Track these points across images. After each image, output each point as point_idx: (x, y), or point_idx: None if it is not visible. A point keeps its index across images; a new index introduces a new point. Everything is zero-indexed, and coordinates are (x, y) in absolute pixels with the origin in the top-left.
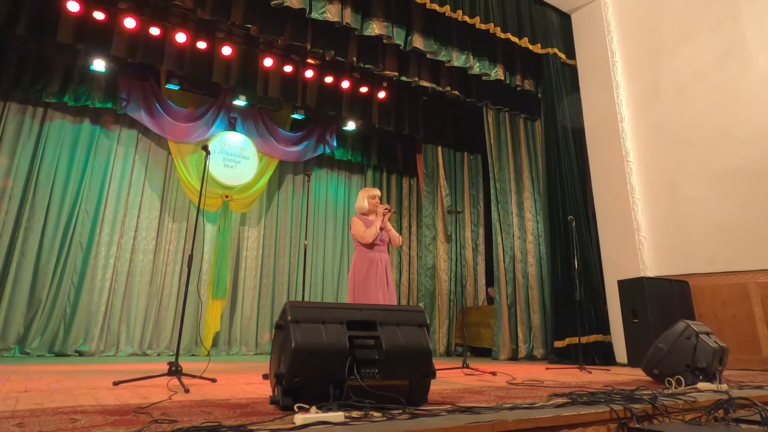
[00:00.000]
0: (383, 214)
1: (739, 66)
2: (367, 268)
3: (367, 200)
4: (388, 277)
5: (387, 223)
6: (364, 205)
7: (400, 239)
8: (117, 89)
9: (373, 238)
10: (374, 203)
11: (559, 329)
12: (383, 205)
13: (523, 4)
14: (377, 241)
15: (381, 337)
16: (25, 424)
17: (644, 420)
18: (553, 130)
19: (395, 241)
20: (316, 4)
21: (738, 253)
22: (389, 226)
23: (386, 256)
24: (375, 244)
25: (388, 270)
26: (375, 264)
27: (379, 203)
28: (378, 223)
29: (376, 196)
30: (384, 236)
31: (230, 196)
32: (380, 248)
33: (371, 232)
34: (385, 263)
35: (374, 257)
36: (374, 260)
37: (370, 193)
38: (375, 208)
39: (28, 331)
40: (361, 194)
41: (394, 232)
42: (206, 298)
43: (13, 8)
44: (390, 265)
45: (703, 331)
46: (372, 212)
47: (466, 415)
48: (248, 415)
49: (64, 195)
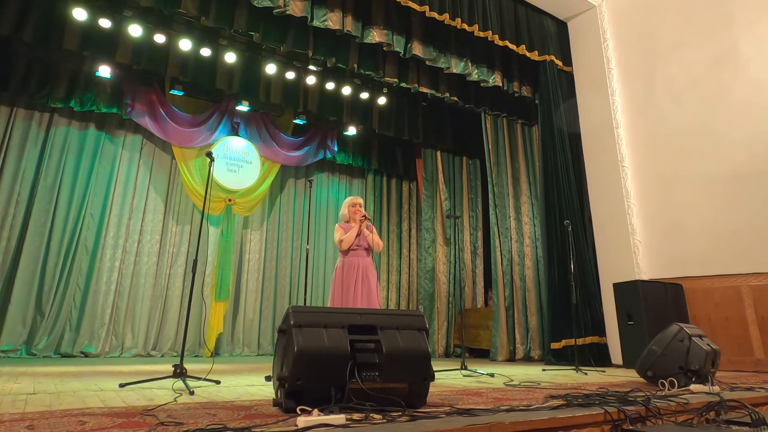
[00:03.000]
0: (360, 222)
1: (732, 73)
2: (345, 272)
3: (347, 208)
4: (369, 281)
5: (365, 229)
6: (345, 213)
7: (380, 244)
8: (122, 95)
9: (348, 245)
10: (354, 211)
11: (556, 331)
12: (361, 213)
13: (520, 12)
14: (353, 246)
15: (381, 341)
16: (36, 426)
17: (637, 422)
18: (549, 136)
19: (375, 247)
20: (317, 12)
21: (731, 256)
22: (367, 232)
23: (365, 260)
24: (351, 250)
25: (367, 274)
26: (353, 268)
27: (360, 210)
28: (355, 230)
29: (356, 204)
30: (362, 242)
31: (233, 200)
32: (357, 253)
33: (348, 239)
34: (364, 267)
35: (351, 261)
36: (352, 264)
37: (351, 202)
38: (355, 216)
39: (35, 332)
40: (344, 203)
41: (374, 238)
42: (209, 300)
43: (20, 15)
44: (371, 270)
45: (695, 333)
46: (353, 219)
47: (464, 418)
48: (252, 418)
49: (70, 199)
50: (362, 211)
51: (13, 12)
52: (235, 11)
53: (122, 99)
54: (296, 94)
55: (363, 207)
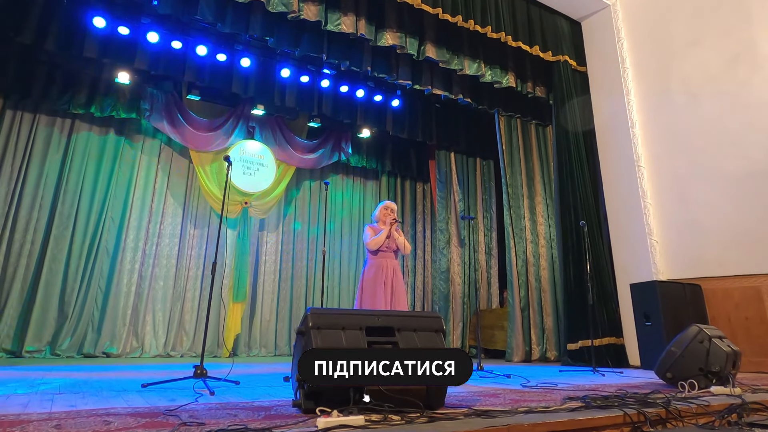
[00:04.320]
0: (390, 225)
1: (750, 70)
2: (374, 273)
3: (380, 210)
4: (395, 282)
5: (394, 232)
6: (377, 215)
7: (408, 247)
8: (140, 101)
9: (377, 246)
10: (386, 214)
11: (572, 332)
12: (392, 216)
13: (533, 12)
14: (383, 248)
15: (399, 343)
16: (62, 426)
17: (658, 424)
18: (564, 136)
19: (403, 249)
20: (331, 17)
21: (750, 256)
22: (396, 235)
23: (394, 263)
24: (380, 251)
25: (396, 275)
26: (381, 269)
27: (392, 215)
28: (385, 232)
29: (389, 208)
30: (391, 244)
31: (249, 203)
32: (387, 255)
33: (377, 240)
34: (393, 269)
35: (380, 263)
36: (381, 266)
37: (386, 205)
38: (385, 219)
39: (59, 333)
40: (379, 205)
41: (402, 241)
42: (227, 301)
43: (42, 25)
44: (399, 271)
45: (716, 335)
46: (383, 222)
47: (482, 419)
48: (272, 418)
49: (91, 203)
50: (393, 215)
51: (35, 21)
52: (250, 17)
53: (141, 104)
54: (310, 97)
55: (395, 213)
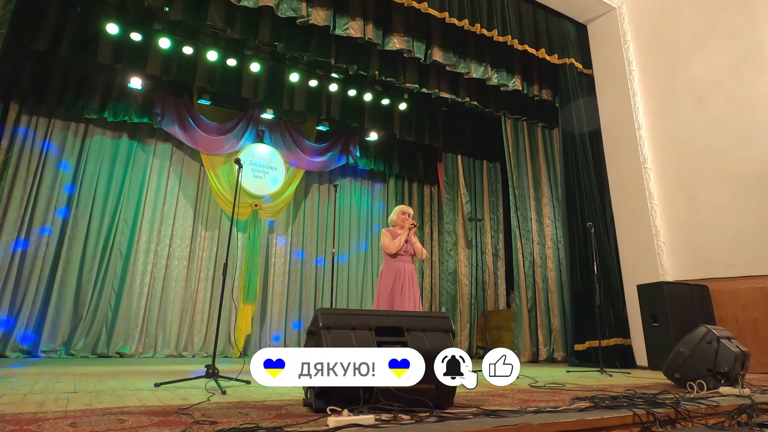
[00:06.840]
0: (408, 229)
1: (756, 73)
2: (393, 276)
3: (397, 215)
4: (413, 286)
5: (412, 237)
6: (394, 219)
7: (424, 252)
8: (152, 105)
9: (396, 249)
10: (403, 219)
11: (579, 332)
12: (410, 221)
13: (539, 16)
14: (401, 252)
15: (408, 343)
16: (78, 424)
17: (667, 424)
18: (570, 138)
19: (419, 254)
20: (339, 21)
21: (758, 257)
22: (414, 239)
23: (410, 266)
24: (398, 255)
25: (412, 279)
26: (399, 273)
27: (409, 219)
28: (403, 236)
29: (406, 212)
30: (408, 248)
31: (259, 205)
32: (404, 258)
33: (395, 244)
34: (410, 272)
35: (398, 267)
36: (399, 269)
37: (402, 209)
38: (403, 223)
39: (73, 333)
40: (395, 209)
41: (419, 246)
42: (238, 302)
43: (56, 31)
44: (415, 275)
45: (724, 335)
46: (400, 226)
47: (491, 419)
48: (283, 417)
49: (104, 206)
50: (411, 219)
51: (50, 28)
52: (259, 22)
53: (152, 109)
54: (319, 101)
55: (411, 217)
